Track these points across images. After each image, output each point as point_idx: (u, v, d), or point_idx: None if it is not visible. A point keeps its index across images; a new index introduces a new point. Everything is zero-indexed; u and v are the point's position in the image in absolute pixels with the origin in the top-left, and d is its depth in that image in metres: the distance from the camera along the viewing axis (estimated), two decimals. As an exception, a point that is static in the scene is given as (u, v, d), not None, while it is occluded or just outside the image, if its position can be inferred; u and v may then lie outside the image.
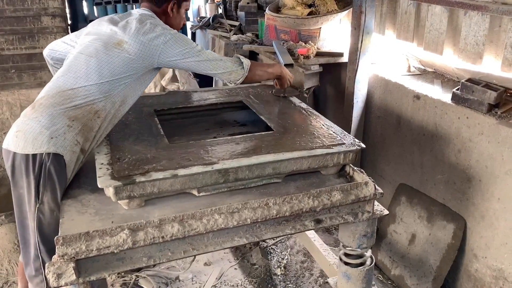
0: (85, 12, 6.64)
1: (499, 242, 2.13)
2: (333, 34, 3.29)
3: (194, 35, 5.68)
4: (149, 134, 1.91)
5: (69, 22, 5.37)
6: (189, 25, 6.14)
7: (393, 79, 2.72)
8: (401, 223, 2.61)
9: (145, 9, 2.01)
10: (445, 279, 2.34)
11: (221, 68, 1.97)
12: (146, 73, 1.88)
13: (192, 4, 7.24)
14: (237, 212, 1.54)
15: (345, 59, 3.01)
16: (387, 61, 2.99)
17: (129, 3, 6.88)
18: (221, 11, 5.12)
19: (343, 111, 3.04)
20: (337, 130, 1.95)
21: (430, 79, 2.69)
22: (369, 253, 1.91)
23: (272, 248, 2.92)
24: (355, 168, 1.82)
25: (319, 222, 1.70)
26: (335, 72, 3.26)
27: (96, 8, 6.69)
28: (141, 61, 1.81)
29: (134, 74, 1.82)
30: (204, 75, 2.05)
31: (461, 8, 2.19)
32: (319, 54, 3.08)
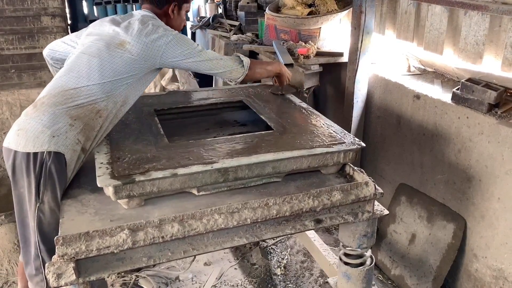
0: (85, 12, 6.64)
1: (499, 242, 2.13)
2: (333, 34, 3.29)
3: (194, 35, 5.67)
4: (149, 133, 1.91)
5: (69, 22, 5.37)
6: (189, 25, 6.14)
7: (393, 79, 2.72)
8: (401, 223, 2.61)
9: (146, 10, 2.02)
10: (445, 279, 2.34)
11: (222, 67, 1.99)
12: (147, 73, 1.89)
13: (192, 4, 7.23)
14: (237, 212, 1.54)
15: (345, 59, 3.01)
16: (387, 61, 2.99)
17: (129, 3, 6.88)
18: (221, 11, 5.11)
19: (343, 111, 3.04)
20: (337, 129, 1.95)
21: (430, 79, 2.69)
22: (369, 253, 1.91)
23: (272, 248, 2.92)
24: (355, 168, 1.82)
25: (319, 222, 1.69)
26: (335, 72, 3.26)
27: (96, 8, 6.69)
28: (143, 61, 1.83)
29: (136, 74, 1.83)
30: (204, 74, 2.06)
31: (461, 8, 2.19)
32: (319, 54, 3.08)
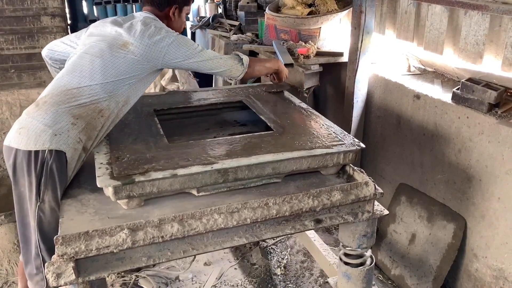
0: (85, 12, 6.62)
1: (499, 241, 2.13)
2: (333, 33, 3.29)
3: (194, 35, 5.67)
4: (148, 133, 1.91)
5: (69, 22, 5.37)
6: (189, 24, 6.13)
7: (393, 79, 2.72)
8: (401, 223, 2.61)
9: (147, 12, 2.04)
10: (445, 279, 2.34)
11: (222, 66, 2.02)
12: (149, 74, 1.91)
13: (193, 3, 7.22)
14: (236, 212, 1.54)
15: (345, 58, 3.00)
16: (387, 60, 2.99)
17: (128, 3, 6.87)
18: (221, 11, 5.11)
19: (343, 111, 3.04)
20: (337, 130, 1.95)
21: (430, 79, 2.69)
22: (369, 253, 1.91)
23: (272, 248, 2.92)
24: (355, 167, 1.81)
25: (319, 222, 1.69)
26: (335, 72, 3.26)
27: (95, 8, 6.68)
28: (146, 62, 1.85)
29: (138, 75, 1.85)
30: (203, 74, 2.08)
31: (461, 7, 2.19)
32: (319, 53, 3.08)
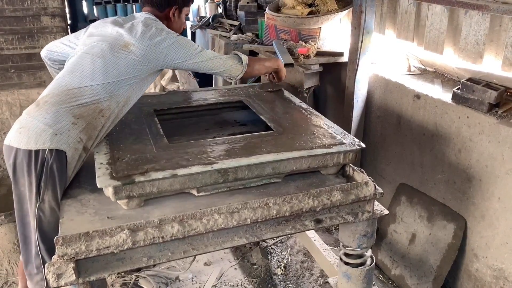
0: (85, 12, 6.62)
1: (499, 241, 2.13)
2: (333, 33, 3.29)
3: (194, 34, 5.67)
4: (148, 134, 1.91)
5: (69, 22, 5.37)
6: (189, 24, 6.13)
7: (393, 79, 2.72)
8: (401, 223, 2.61)
9: (147, 13, 2.05)
10: (445, 279, 2.34)
11: (221, 66, 2.03)
12: (149, 74, 1.92)
13: (192, 4, 7.21)
14: (237, 212, 1.54)
15: (345, 58, 3.00)
16: (387, 60, 2.99)
17: (128, 3, 6.87)
18: (221, 11, 5.11)
19: (343, 111, 3.04)
20: (337, 130, 1.95)
21: (430, 79, 2.69)
22: (369, 253, 1.91)
23: (272, 248, 2.91)
24: (355, 167, 1.81)
25: (319, 222, 1.69)
26: (335, 71, 3.26)
27: (96, 8, 6.68)
28: (147, 63, 1.86)
29: (139, 75, 1.86)
30: (203, 74, 2.08)
31: (462, 7, 2.19)
32: (319, 53, 3.08)
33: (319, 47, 3.15)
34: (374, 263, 1.91)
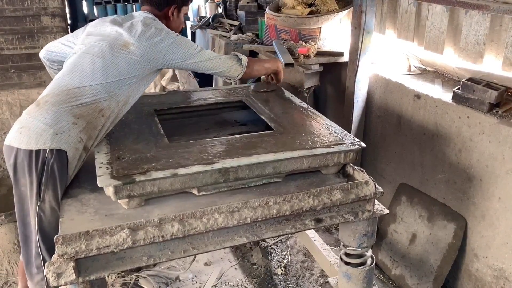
0: (85, 12, 6.62)
1: (500, 241, 2.12)
2: (334, 33, 3.29)
3: (194, 34, 5.67)
4: (149, 133, 1.91)
5: (69, 22, 5.36)
6: (189, 24, 6.13)
7: (393, 79, 2.72)
8: (402, 222, 2.61)
9: (146, 12, 2.05)
10: (445, 278, 2.33)
11: (221, 66, 2.03)
12: (149, 74, 1.93)
13: (192, 4, 7.22)
14: (237, 211, 1.54)
15: (345, 58, 3.00)
16: (388, 60, 2.99)
17: (129, 3, 6.86)
18: (221, 11, 5.11)
19: (343, 111, 3.04)
20: (337, 129, 1.95)
21: (430, 79, 2.69)
22: (369, 253, 1.91)
23: (272, 247, 2.91)
24: (356, 167, 1.81)
25: (319, 221, 1.69)
26: (336, 71, 3.26)
27: (96, 8, 6.68)
28: (146, 63, 1.86)
29: (138, 75, 1.86)
30: (203, 74, 2.09)
31: (462, 7, 2.19)
32: (320, 53, 3.08)
33: (319, 47, 3.15)
34: (374, 263, 1.91)
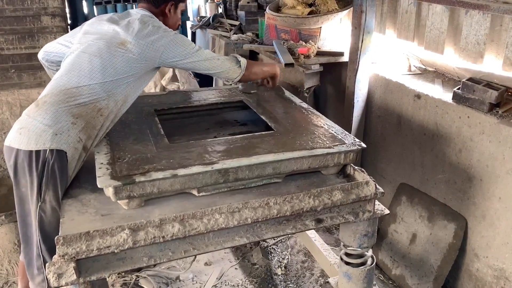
0: (85, 11, 6.63)
1: (500, 241, 2.12)
2: (334, 33, 3.29)
3: (194, 34, 5.66)
4: (149, 133, 1.91)
5: (69, 21, 5.36)
6: (189, 24, 6.13)
7: (393, 79, 2.71)
8: (402, 222, 2.61)
9: (143, 9, 2.03)
10: (446, 278, 2.33)
11: (219, 67, 2.02)
12: (147, 72, 1.91)
13: (192, 3, 7.23)
14: (237, 211, 1.54)
15: (345, 58, 3.00)
16: (388, 60, 2.99)
17: (129, 3, 6.87)
18: (221, 11, 5.11)
19: (343, 111, 3.04)
20: (337, 130, 1.95)
21: (430, 79, 2.68)
22: (370, 253, 1.91)
23: (272, 248, 2.91)
24: (356, 167, 1.81)
25: (320, 221, 1.69)
26: (336, 71, 3.26)
27: (96, 7, 6.68)
28: (143, 61, 1.85)
29: (136, 73, 1.85)
30: (204, 74, 2.08)
31: (462, 7, 2.19)
32: (320, 53, 3.07)
33: (320, 47, 3.15)
34: (374, 263, 1.91)
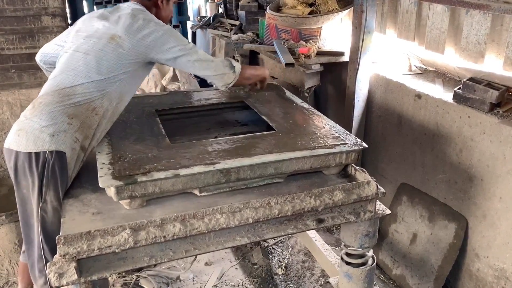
0: (85, 11, 6.63)
1: (501, 241, 2.12)
2: (334, 33, 3.29)
3: (194, 34, 5.67)
4: (150, 133, 1.91)
5: (69, 21, 5.36)
6: (189, 24, 6.13)
7: (394, 79, 2.71)
8: (403, 222, 2.61)
9: (135, 3, 1.97)
10: (446, 278, 2.33)
11: (213, 69, 1.93)
12: (140, 68, 1.87)
13: (192, 3, 7.23)
14: (238, 211, 1.54)
15: (346, 58, 3.00)
16: (388, 60, 2.99)
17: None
18: (221, 11, 5.11)
19: (344, 111, 3.04)
20: (339, 130, 1.95)
21: (431, 78, 2.68)
22: (370, 253, 1.91)
23: (273, 248, 2.91)
24: (357, 167, 1.81)
25: (321, 221, 1.69)
26: (336, 71, 3.26)
27: (96, 7, 6.68)
28: (134, 56, 1.81)
29: (129, 70, 1.81)
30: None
31: (463, 7, 2.18)
32: (320, 53, 3.07)
33: (320, 47, 3.15)
34: (375, 263, 1.91)
